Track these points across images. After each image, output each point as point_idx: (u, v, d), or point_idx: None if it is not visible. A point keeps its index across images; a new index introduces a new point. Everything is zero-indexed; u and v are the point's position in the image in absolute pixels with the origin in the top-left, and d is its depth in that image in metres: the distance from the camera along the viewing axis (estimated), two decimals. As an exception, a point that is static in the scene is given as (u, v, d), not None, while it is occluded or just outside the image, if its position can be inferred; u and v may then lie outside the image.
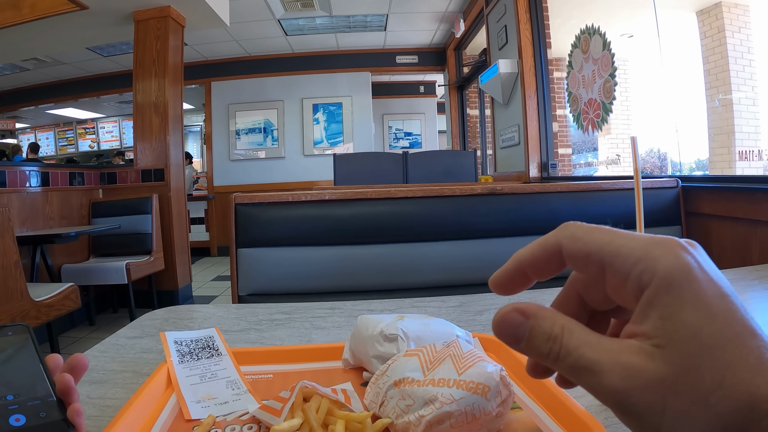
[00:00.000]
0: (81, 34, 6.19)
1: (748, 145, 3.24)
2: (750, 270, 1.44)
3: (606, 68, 3.74)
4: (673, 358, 0.30)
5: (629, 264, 0.33)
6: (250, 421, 0.64)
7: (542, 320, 0.35)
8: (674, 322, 0.31)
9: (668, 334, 0.31)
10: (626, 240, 0.34)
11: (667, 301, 0.31)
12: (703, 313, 0.30)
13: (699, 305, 0.30)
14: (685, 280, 0.31)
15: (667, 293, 0.31)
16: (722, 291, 0.31)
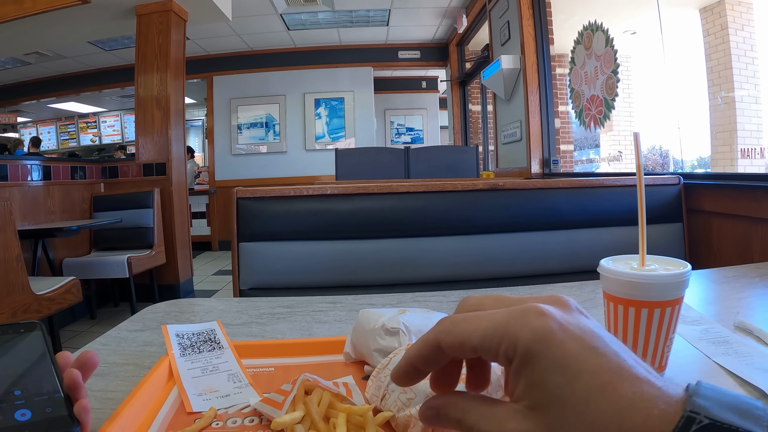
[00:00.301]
0: (83, 28, 6.19)
1: (750, 143, 3.24)
2: (751, 267, 1.43)
3: (608, 65, 3.73)
4: (541, 418, 0.35)
5: (494, 345, 0.37)
6: (252, 414, 0.65)
7: (447, 409, 0.42)
8: (537, 389, 0.36)
9: (534, 398, 0.36)
10: (490, 322, 0.38)
11: (530, 371, 0.36)
12: (565, 374, 0.35)
13: (560, 369, 0.35)
14: (544, 348, 0.36)
15: (529, 364, 0.36)
16: (586, 345, 0.36)
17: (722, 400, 0.33)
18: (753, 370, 0.74)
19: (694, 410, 0.32)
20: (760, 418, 0.32)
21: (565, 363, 0.35)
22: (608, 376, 0.34)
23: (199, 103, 12.11)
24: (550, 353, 0.35)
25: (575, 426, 0.34)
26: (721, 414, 0.32)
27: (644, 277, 0.65)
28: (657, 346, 0.67)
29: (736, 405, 0.33)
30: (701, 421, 0.31)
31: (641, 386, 0.34)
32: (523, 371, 0.36)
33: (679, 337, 0.87)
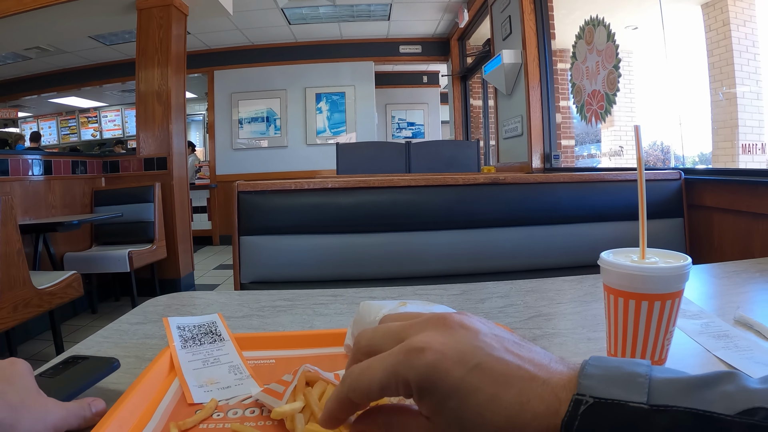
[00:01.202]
0: (84, 22, 6.18)
1: (751, 138, 3.23)
2: (752, 263, 1.44)
3: (610, 60, 3.73)
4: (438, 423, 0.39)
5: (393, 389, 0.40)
6: (253, 405, 0.65)
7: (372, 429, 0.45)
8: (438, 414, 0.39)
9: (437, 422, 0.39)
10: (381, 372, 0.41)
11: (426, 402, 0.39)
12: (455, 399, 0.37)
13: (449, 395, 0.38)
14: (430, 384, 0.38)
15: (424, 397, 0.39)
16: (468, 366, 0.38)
17: (607, 375, 0.36)
18: (753, 364, 0.74)
19: (581, 392, 0.35)
20: (641, 385, 0.35)
21: (453, 389, 0.37)
22: (494, 388, 0.37)
23: (200, 97, 12.10)
24: (437, 385, 0.38)
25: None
26: (605, 391, 0.35)
27: (644, 270, 0.65)
28: (657, 339, 0.68)
29: (619, 377, 0.36)
30: (587, 401, 0.34)
31: (527, 387, 0.37)
32: (422, 403, 0.40)
33: (680, 331, 0.87)
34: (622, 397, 0.34)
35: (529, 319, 1.00)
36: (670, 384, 0.35)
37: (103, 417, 0.57)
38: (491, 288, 1.24)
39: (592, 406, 0.34)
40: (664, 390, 0.34)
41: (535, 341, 0.87)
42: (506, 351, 0.40)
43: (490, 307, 1.09)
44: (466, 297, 1.17)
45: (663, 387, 0.35)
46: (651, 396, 0.34)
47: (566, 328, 0.96)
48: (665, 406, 0.33)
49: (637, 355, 0.69)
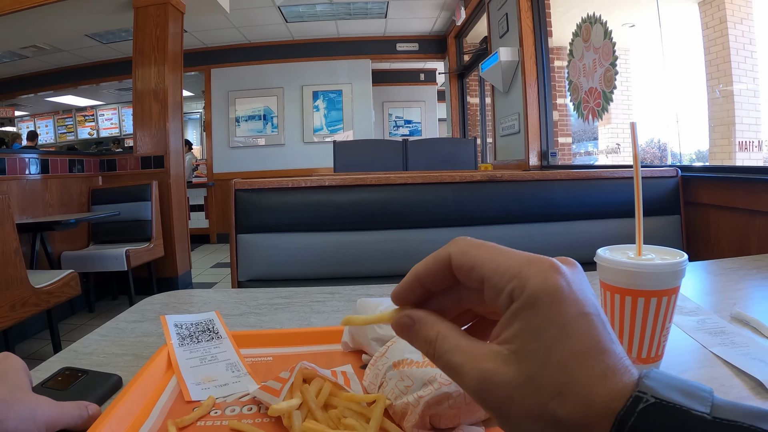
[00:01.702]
0: (80, 21, 6.17)
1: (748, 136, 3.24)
2: (749, 260, 1.44)
3: (607, 57, 3.73)
4: (522, 366, 0.36)
5: (504, 280, 0.37)
6: (250, 403, 0.65)
7: (424, 325, 0.41)
8: (530, 335, 0.36)
9: (523, 344, 0.36)
10: (505, 258, 0.39)
11: (529, 316, 0.36)
12: (558, 331, 0.35)
13: (555, 324, 0.36)
14: (548, 301, 0.36)
15: (530, 309, 0.36)
16: (584, 311, 0.36)
17: (670, 383, 0.35)
18: (749, 360, 0.75)
19: (642, 390, 0.33)
20: (704, 398, 0.34)
21: (562, 320, 0.36)
22: (593, 344, 0.35)
23: (197, 95, 12.09)
24: (552, 306, 0.36)
25: (551, 382, 0.35)
26: (668, 394, 0.33)
27: (641, 266, 0.65)
28: (653, 336, 0.68)
29: (682, 387, 0.34)
30: (648, 400, 0.33)
31: (615, 361, 0.35)
32: (522, 315, 0.37)
33: (676, 328, 0.88)
34: (685, 404, 0.33)
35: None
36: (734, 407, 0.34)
37: (101, 415, 0.57)
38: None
39: (652, 405, 0.33)
40: (727, 410, 0.33)
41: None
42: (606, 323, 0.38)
43: (488, 304, 1.09)
44: (463, 294, 1.17)
45: (726, 406, 0.33)
46: (714, 410, 0.33)
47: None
48: (728, 421, 0.32)
49: (633, 350, 0.69)
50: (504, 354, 0.37)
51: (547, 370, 0.35)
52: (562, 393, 0.34)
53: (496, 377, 0.36)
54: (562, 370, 0.35)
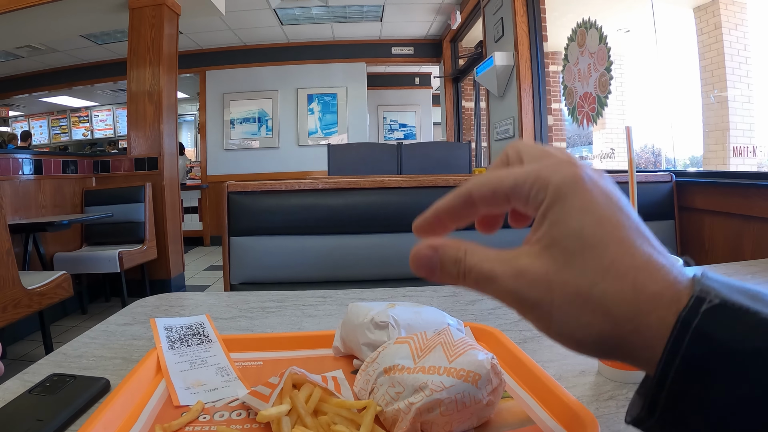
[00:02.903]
0: (75, 21, 6.16)
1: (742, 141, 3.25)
2: (743, 265, 1.44)
3: (602, 62, 3.74)
4: (556, 255, 0.35)
5: (527, 188, 0.37)
6: (239, 408, 0.64)
7: (448, 249, 0.39)
8: (561, 226, 0.35)
9: (554, 235, 0.35)
10: (521, 169, 0.38)
11: (557, 209, 0.35)
12: (589, 217, 0.34)
13: (585, 210, 0.35)
14: (572, 191, 0.35)
15: (557, 203, 0.35)
16: (612, 200, 0.36)
17: (731, 285, 0.33)
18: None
19: (704, 290, 0.32)
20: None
21: (592, 207, 0.35)
22: (629, 232, 0.34)
23: (191, 97, 12.08)
24: (579, 195, 0.35)
25: (591, 267, 0.34)
26: (732, 295, 0.31)
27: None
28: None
29: (745, 290, 0.32)
30: (712, 301, 0.31)
31: (656, 254, 0.34)
32: (549, 212, 0.36)
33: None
34: (751, 306, 0.31)
35: (519, 321, 0.99)
36: None
37: (88, 419, 0.57)
38: (482, 290, 1.23)
39: (717, 306, 0.31)
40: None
41: (525, 343, 0.87)
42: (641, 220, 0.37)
43: (481, 308, 1.09)
44: (456, 299, 1.17)
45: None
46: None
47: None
48: None
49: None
50: (536, 250, 0.36)
51: (585, 256, 0.34)
52: (605, 278, 0.33)
53: (532, 269, 0.36)
54: (600, 254, 0.34)
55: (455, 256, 0.39)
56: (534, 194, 0.37)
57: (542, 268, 0.35)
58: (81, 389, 0.69)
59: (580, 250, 0.34)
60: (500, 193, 0.39)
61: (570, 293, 0.34)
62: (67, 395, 0.67)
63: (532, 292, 0.35)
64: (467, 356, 0.58)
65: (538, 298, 0.35)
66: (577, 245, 0.34)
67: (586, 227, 0.34)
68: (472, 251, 0.39)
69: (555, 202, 0.36)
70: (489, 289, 0.38)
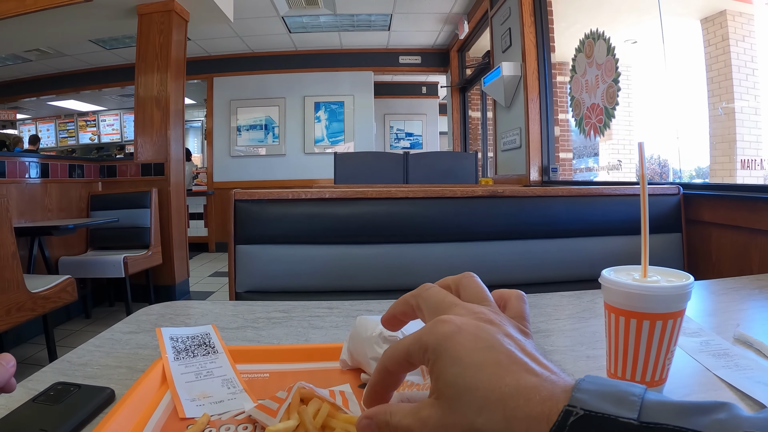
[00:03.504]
0: (84, 26, 6.18)
1: (749, 153, 3.24)
2: (751, 279, 1.43)
3: (609, 73, 3.73)
4: (443, 403, 0.42)
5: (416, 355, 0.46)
6: (246, 421, 0.64)
7: (379, 415, 0.47)
8: (441, 378, 0.43)
9: (439, 387, 0.43)
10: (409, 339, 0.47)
11: (438, 366, 0.43)
12: (459, 367, 0.42)
13: (455, 362, 0.42)
14: (444, 348, 0.43)
15: (437, 361, 0.43)
16: (480, 344, 0.43)
17: (601, 391, 0.37)
18: (753, 384, 0.73)
19: (572, 403, 0.36)
20: (633, 403, 0.36)
21: (459, 357, 0.42)
22: (495, 368, 0.41)
23: (198, 104, 12.12)
24: (449, 351, 0.43)
25: (468, 408, 0.40)
26: (597, 404, 0.36)
27: (646, 289, 0.64)
28: (658, 359, 0.67)
29: (612, 394, 0.37)
30: (577, 413, 0.35)
31: (526, 377, 0.40)
32: (433, 369, 0.44)
33: (679, 349, 0.87)
34: (613, 412, 0.35)
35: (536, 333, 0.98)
36: (663, 406, 0.36)
37: (93, 429, 0.56)
38: (489, 302, 1.23)
39: (582, 418, 0.35)
40: (656, 410, 0.35)
41: (533, 358, 0.86)
42: (519, 349, 0.43)
43: (488, 321, 1.08)
44: (463, 311, 1.16)
45: (655, 408, 0.35)
46: (642, 414, 0.35)
47: (564, 345, 0.95)
48: (655, 424, 0.34)
49: (637, 374, 0.68)
50: (431, 401, 0.43)
51: (461, 400, 0.41)
52: (481, 413, 0.39)
53: (431, 418, 0.42)
54: (472, 395, 0.40)
55: (384, 419, 0.46)
56: (421, 357, 0.45)
57: (436, 415, 0.42)
58: (85, 399, 0.68)
59: (457, 396, 0.41)
60: (402, 362, 0.48)
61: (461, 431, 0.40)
62: (71, 405, 0.66)
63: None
64: (476, 372, 0.58)
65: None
66: (454, 392, 0.41)
67: (458, 376, 0.41)
68: (395, 412, 0.46)
69: (435, 361, 0.44)
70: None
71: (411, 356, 0.46)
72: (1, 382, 0.57)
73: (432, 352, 0.44)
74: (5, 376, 0.57)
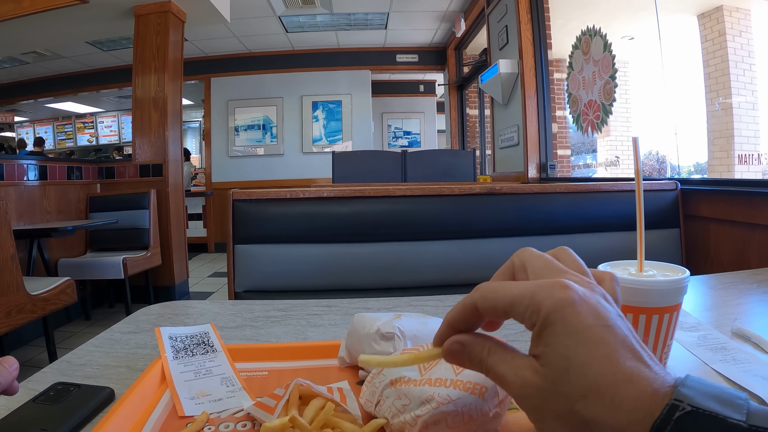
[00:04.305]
0: (81, 28, 6.18)
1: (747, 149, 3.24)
2: (749, 273, 1.43)
3: (606, 70, 3.73)
4: (548, 374, 0.40)
5: (522, 309, 0.42)
6: (244, 419, 0.64)
7: (473, 347, 0.46)
8: (551, 348, 0.40)
9: (547, 357, 0.40)
10: (519, 290, 0.43)
11: (548, 333, 0.40)
12: (574, 341, 0.39)
13: (571, 335, 0.39)
14: (561, 317, 0.40)
15: (548, 327, 0.40)
16: (599, 320, 0.40)
17: (706, 390, 0.36)
18: (751, 377, 0.74)
19: (678, 398, 0.35)
20: (740, 406, 0.34)
21: (576, 330, 0.39)
22: (612, 350, 0.38)
23: (196, 104, 12.12)
24: (565, 321, 0.40)
25: (575, 386, 0.38)
26: (704, 402, 0.34)
27: (642, 283, 0.65)
28: (654, 353, 0.67)
29: (718, 395, 0.36)
30: (684, 408, 0.34)
31: (640, 367, 0.38)
32: (542, 333, 0.41)
33: (677, 344, 0.87)
34: (720, 412, 0.34)
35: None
36: None
37: (93, 428, 0.57)
38: (487, 299, 1.23)
39: (689, 414, 0.34)
40: (762, 416, 0.34)
41: (531, 354, 0.87)
42: (631, 334, 0.41)
43: (486, 318, 1.08)
44: (461, 308, 1.16)
45: (761, 413, 0.34)
46: (750, 417, 0.34)
47: (562, 340, 0.95)
48: (765, 429, 0.33)
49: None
50: (534, 364, 0.41)
51: (569, 376, 0.38)
52: (587, 396, 0.37)
53: (531, 385, 0.40)
54: (583, 374, 0.38)
55: (479, 356, 0.45)
56: (528, 315, 0.42)
57: (538, 383, 0.40)
58: (85, 398, 0.68)
59: (566, 371, 0.39)
60: (499, 308, 0.44)
61: (557, 408, 0.39)
62: (71, 404, 0.67)
63: (532, 401, 0.41)
64: (474, 368, 0.58)
65: (535, 407, 0.41)
66: (564, 366, 0.39)
67: (571, 350, 0.39)
68: (494, 351, 0.45)
69: (546, 326, 0.40)
70: (501, 385, 0.44)
71: (513, 308, 0.43)
72: (4, 384, 0.58)
73: (545, 316, 0.40)
74: (8, 379, 0.58)
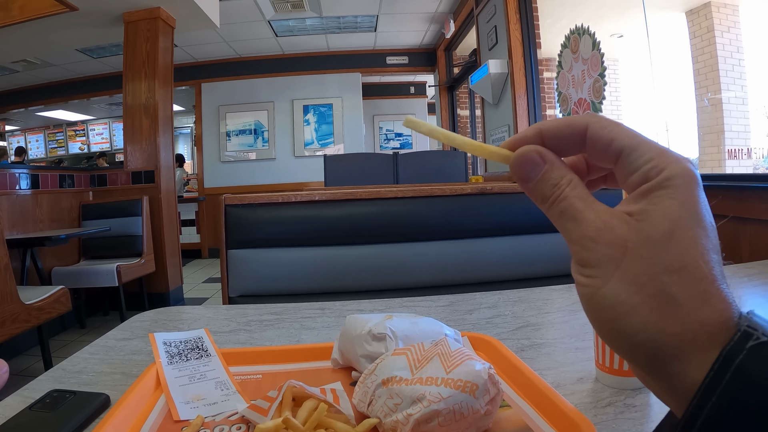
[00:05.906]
0: (71, 35, 6.17)
1: (737, 143, 3.26)
2: (740, 267, 1.44)
3: (596, 68, 3.75)
4: (644, 230, 0.34)
5: (643, 159, 0.36)
6: (239, 422, 0.64)
7: (556, 169, 0.39)
8: (659, 208, 0.34)
9: (650, 213, 0.34)
10: (647, 140, 0.37)
11: (663, 193, 0.34)
12: (688, 214, 0.34)
13: (688, 208, 0.34)
14: (685, 186, 0.34)
15: (666, 188, 0.34)
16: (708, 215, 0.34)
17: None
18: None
19: (752, 326, 0.31)
20: None
21: (694, 209, 0.34)
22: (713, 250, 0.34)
23: (187, 110, 12.10)
24: (688, 192, 0.34)
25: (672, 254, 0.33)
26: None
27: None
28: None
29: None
30: (759, 338, 0.30)
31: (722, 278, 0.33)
32: (654, 193, 0.35)
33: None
34: None
35: (517, 330, 1.00)
36: None
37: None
38: (479, 298, 1.24)
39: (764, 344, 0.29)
40: None
41: (522, 352, 0.88)
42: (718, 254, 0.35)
43: (478, 317, 1.09)
44: (453, 308, 1.17)
45: None
46: None
47: (554, 337, 0.96)
48: None
49: (625, 364, 0.69)
50: (626, 217, 0.36)
51: (671, 242, 0.33)
52: (680, 272, 0.33)
53: (617, 230, 0.35)
54: (684, 250, 0.33)
55: (558, 179, 0.39)
56: (648, 168, 0.36)
57: (625, 234, 0.35)
58: (81, 405, 0.69)
59: (669, 235, 0.33)
60: (615, 146, 0.38)
61: (639, 268, 0.34)
62: (67, 411, 0.67)
63: (606, 249, 0.35)
64: (464, 366, 0.59)
65: (609, 258, 0.35)
66: (669, 230, 0.34)
67: (682, 221, 0.34)
68: (576, 184, 0.39)
69: (663, 187, 0.35)
70: (568, 225, 0.38)
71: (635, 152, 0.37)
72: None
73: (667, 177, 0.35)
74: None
